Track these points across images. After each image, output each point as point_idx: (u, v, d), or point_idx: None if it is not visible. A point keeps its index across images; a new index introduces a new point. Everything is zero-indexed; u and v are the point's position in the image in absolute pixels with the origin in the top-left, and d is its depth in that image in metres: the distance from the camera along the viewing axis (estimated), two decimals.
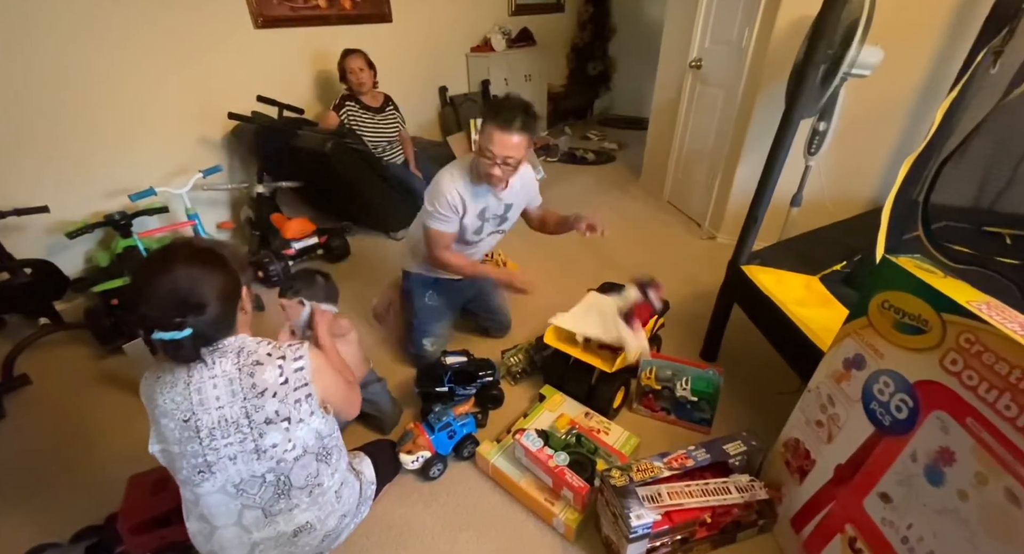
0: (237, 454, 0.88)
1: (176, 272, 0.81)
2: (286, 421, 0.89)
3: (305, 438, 0.93)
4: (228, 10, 2.30)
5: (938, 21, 1.90)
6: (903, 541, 0.82)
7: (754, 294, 1.45)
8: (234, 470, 0.88)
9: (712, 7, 2.53)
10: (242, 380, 0.87)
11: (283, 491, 0.93)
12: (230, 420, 0.86)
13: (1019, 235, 1.58)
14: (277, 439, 0.89)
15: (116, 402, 1.64)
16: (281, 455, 0.90)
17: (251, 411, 0.87)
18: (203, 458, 0.87)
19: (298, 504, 0.95)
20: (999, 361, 0.69)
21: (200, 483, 0.88)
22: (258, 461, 0.89)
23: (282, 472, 0.91)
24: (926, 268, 0.86)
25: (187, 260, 0.83)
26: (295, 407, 0.90)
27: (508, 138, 1.34)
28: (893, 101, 2.08)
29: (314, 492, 0.97)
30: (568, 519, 1.18)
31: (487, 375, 1.51)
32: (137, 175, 2.09)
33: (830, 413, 1.02)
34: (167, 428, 0.87)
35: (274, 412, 0.88)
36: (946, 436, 0.76)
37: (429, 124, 3.65)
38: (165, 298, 0.79)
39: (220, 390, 0.86)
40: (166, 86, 2.18)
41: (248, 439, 0.87)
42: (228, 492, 0.89)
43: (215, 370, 0.87)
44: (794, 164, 2.03)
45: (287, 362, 0.91)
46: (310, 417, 0.93)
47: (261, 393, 0.87)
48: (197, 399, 0.86)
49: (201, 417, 0.86)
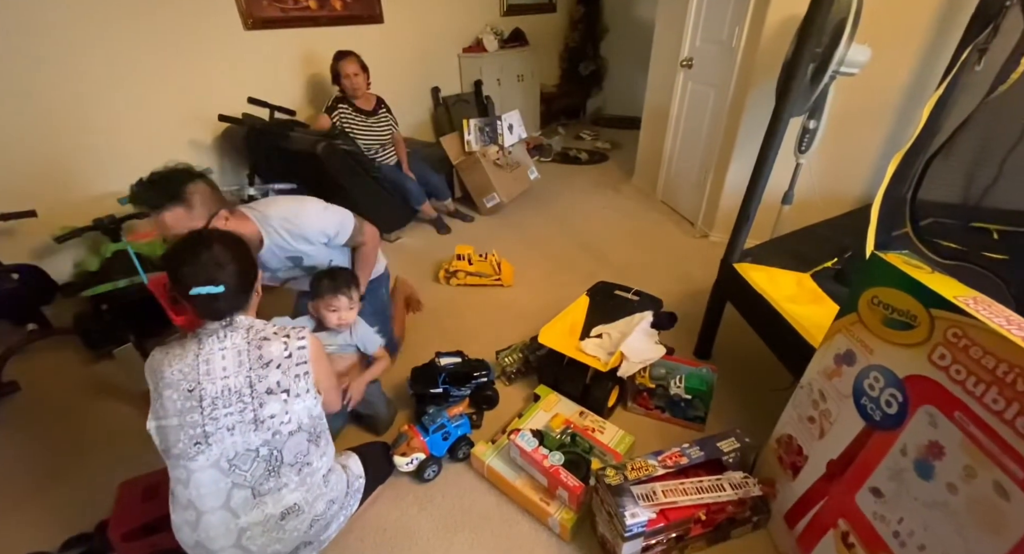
0: (236, 424, 0.93)
1: (213, 246, 0.98)
2: (285, 393, 0.97)
3: (300, 414, 0.99)
4: (218, 11, 2.28)
5: (925, 19, 1.92)
6: (894, 535, 0.83)
7: (746, 292, 1.46)
8: (230, 442, 0.93)
9: (703, 6, 2.54)
10: (250, 352, 0.97)
11: (274, 468, 0.96)
12: (233, 389, 0.94)
13: (1006, 230, 1.59)
14: (276, 410, 0.96)
15: (106, 408, 1.62)
16: (277, 427, 0.96)
17: (255, 380, 0.95)
18: (202, 428, 0.91)
19: (287, 483, 0.98)
20: (986, 355, 0.69)
21: (195, 456, 0.91)
22: (255, 432, 0.94)
23: (276, 446, 0.96)
24: (914, 264, 0.87)
25: (221, 238, 1.01)
26: (295, 381, 0.98)
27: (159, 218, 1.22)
28: (881, 99, 2.10)
29: (303, 471, 1.00)
30: (563, 519, 1.18)
31: (482, 376, 1.50)
32: (127, 178, 2.05)
33: (822, 409, 1.03)
34: (169, 400, 0.92)
35: (275, 383, 0.97)
36: (935, 430, 0.77)
37: (422, 125, 3.64)
38: (205, 261, 0.95)
39: (228, 361, 0.95)
40: (156, 88, 2.17)
41: (248, 409, 0.94)
42: (221, 467, 0.93)
43: (226, 343, 0.96)
44: (785, 162, 2.04)
45: (292, 340, 1.01)
46: (306, 394, 1.00)
47: (266, 364, 0.96)
48: (204, 369, 0.93)
49: (206, 387, 0.93)
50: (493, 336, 1.88)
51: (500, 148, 3.09)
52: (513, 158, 3.16)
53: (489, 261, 2.33)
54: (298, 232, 1.43)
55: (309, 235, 1.45)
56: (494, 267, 2.31)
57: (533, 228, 2.89)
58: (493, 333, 1.91)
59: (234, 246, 1.01)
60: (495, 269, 2.31)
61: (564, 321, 1.68)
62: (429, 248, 2.66)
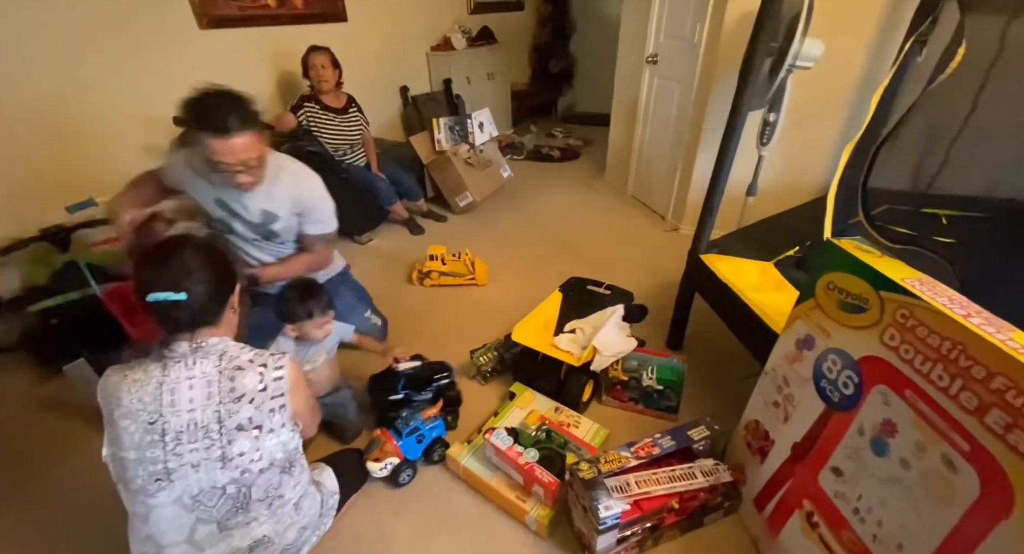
0: (201, 461, 0.86)
1: (186, 250, 0.89)
2: (257, 429, 0.89)
3: (273, 450, 0.92)
4: (169, 9, 2.19)
5: (875, 13, 1.99)
6: (854, 512, 0.86)
7: (713, 282, 1.49)
8: (195, 479, 0.86)
9: (665, 3, 2.58)
10: (221, 383, 0.87)
11: (242, 504, 0.90)
12: (200, 424, 0.85)
13: (954, 215, 1.67)
14: (245, 447, 0.88)
15: (57, 428, 1.53)
16: (247, 465, 0.89)
17: (224, 416, 0.86)
18: (163, 465, 0.84)
19: (256, 517, 0.92)
20: (931, 334, 0.72)
21: (155, 493, 0.85)
22: (222, 470, 0.87)
23: (244, 483, 0.89)
24: (865, 249, 0.90)
25: (197, 244, 0.92)
26: (268, 415, 0.90)
27: (235, 142, 1.16)
28: (836, 91, 2.17)
29: (274, 504, 0.94)
30: (540, 516, 1.18)
31: (442, 377, 1.46)
32: (76, 185, 1.96)
33: (785, 393, 1.05)
34: (126, 431, 0.84)
35: (247, 419, 0.88)
36: (888, 408, 0.79)
37: (391, 124, 3.59)
38: (171, 265, 0.87)
39: (196, 392, 0.86)
40: (103, 90, 2.06)
41: (215, 446, 0.86)
42: (184, 504, 0.86)
43: (195, 371, 0.87)
44: (748, 155, 2.09)
45: (268, 370, 0.91)
46: (281, 428, 0.92)
47: (239, 398, 0.87)
48: (168, 400, 0.85)
49: (169, 419, 0.84)
50: (469, 336, 1.86)
51: (471, 146, 3.07)
52: (485, 156, 3.15)
53: (463, 260, 2.31)
54: (296, 193, 1.41)
55: (305, 200, 1.43)
56: (468, 266, 2.29)
57: (507, 226, 2.88)
58: (469, 333, 1.90)
59: (209, 254, 0.92)
60: (469, 268, 2.29)
61: (538, 317, 1.68)
62: (402, 249, 2.63)
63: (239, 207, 1.39)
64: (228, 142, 1.16)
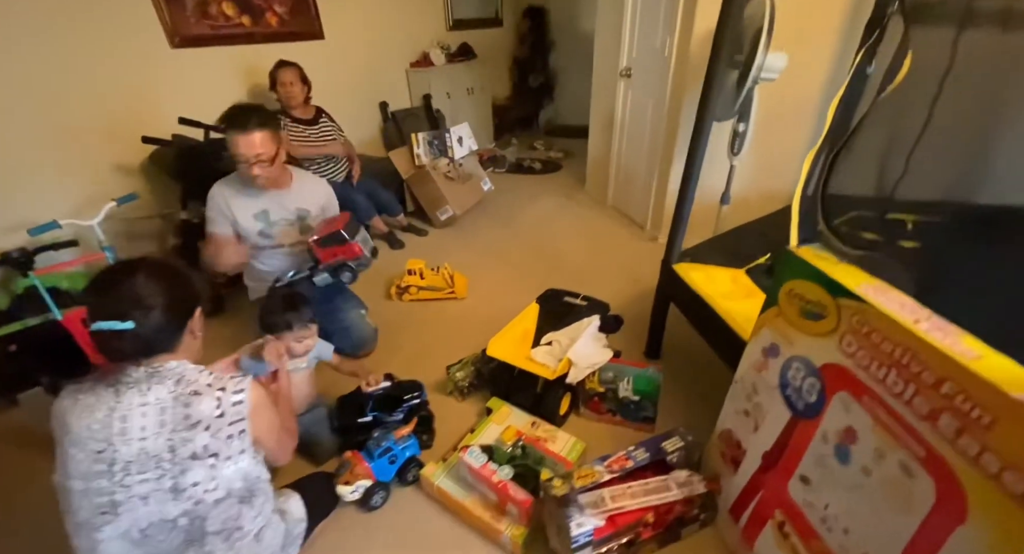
0: (151, 493, 0.81)
1: (137, 274, 0.84)
2: (214, 457, 0.84)
3: (231, 479, 0.87)
4: (139, 29, 2.18)
5: (835, 26, 2.06)
6: (822, 521, 0.85)
7: (686, 291, 1.49)
8: (143, 512, 0.81)
9: (636, 18, 2.64)
10: (175, 410, 0.83)
11: (195, 538, 0.86)
12: (151, 454, 0.81)
13: (918, 220, 1.70)
14: (200, 477, 0.84)
15: (12, 463, 1.47)
16: (200, 495, 0.84)
17: (177, 444, 0.82)
18: (110, 497, 0.80)
19: (211, 552, 0.88)
20: (884, 340, 0.72)
21: (100, 527, 0.80)
22: (173, 501, 0.82)
23: (198, 515, 0.85)
24: (823, 256, 0.91)
25: (151, 267, 0.87)
26: (226, 442, 0.86)
27: (249, 138, 1.45)
28: (802, 101, 2.23)
29: (232, 537, 0.90)
30: (514, 535, 1.15)
31: (413, 397, 1.43)
32: (40, 206, 1.92)
33: (755, 402, 1.05)
34: (73, 459, 0.80)
35: (202, 447, 0.83)
36: (848, 415, 0.80)
37: (371, 140, 3.59)
38: (118, 291, 0.82)
39: (149, 419, 0.82)
40: (70, 108, 2.03)
41: (167, 477, 0.82)
42: (131, 538, 0.82)
43: (148, 397, 0.83)
44: (720, 164, 2.13)
45: (226, 394, 0.87)
46: (239, 455, 0.88)
47: (193, 426, 0.83)
48: (119, 428, 0.80)
49: (119, 449, 0.80)
50: (448, 351, 1.84)
51: (450, 161, 3.08)
52: (465, 170, 3.16)
53: (441, 274, 2.30)
54: (320, 192, 1.75)
55: (327, 197, 1.77)
56: (447, 280, 2.28)
57: (488, 239, 2.88)
58: (448, 348, 1.88)
59: (167, 278, 0.87)
60: (448, 282, 2.28)
61: (514, 330, 1.66)
62: (381, 264, 2.58)
63: (278, 209, 1.66)
64: (246, 137, 1.45)
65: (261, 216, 1.64)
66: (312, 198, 1.72)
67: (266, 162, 1.50)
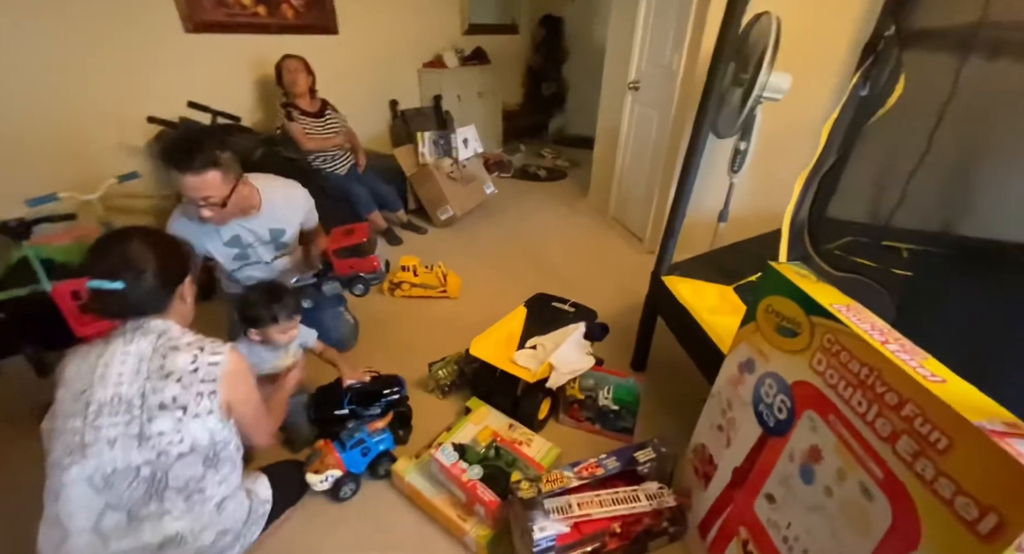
0: (118, 437, 0.85)
1: (132, 240, 0.92)
2: (181, 410, 0.88)
3: (197, 434, 0.90)
4: (155, 12, 2.22)
5: (842, 51, 2.07)
6: (784, 540, 0.84)
7: (671, 303, 1.49)
8: (108, 457, 0.85)
9: (647, 32, 2.66)
10: (152, 360, 0.89)
11: (156, 491, 0.88)
12: (123, 398, 0.86)
13: (913, 249, 1.70)
14: (166, 427, 0.87)
15: None
16: (164, 446, 0.87)
17: (148, 392, 0.87)
18: (80, 436, 0.85)
19: (170, 510, 0.89)
20: (852, 359, 0.72)
21: (68, 467, 0.84)
22: (138, 449, 0.86)
23: (160, 467, 0.87)
24: (802, 274, 0.91)
25: (146, 234, 0.95)
26: (196, 399, 0.90)
27: (193, 179, 1.26)
28: (806, 124, 2.21)
29: (192, 498, 0.91)
30: (479, 536, 1.14)
31: (393, 392, 1.42)
32: (42, 179, 1.94)
33: (728, 417, 1.04)
34: (60, 401, 0.87)
35: (171, 398, 0.88)
36: (815, 434, 0.79)
37: (379, 137, 3.62)
38: (112, 254, 0.90)
39: (127, 366, 0.88)
40: (79, 85, 2.06)
41: (135, 422, 0.86)
42: (95, 484, 0.85)
43: (131, 347, 0.90)
44: (720, 182, 2.14)
45: (204, 354, 0.93)
46: (207, 415, 0.91)
47: (166, 376, 0.88)
48: (100, 373, 0.87)
49: (96, 391, 0.86)
50: (434, 348, 1.83)
51: (454, 161, 3.10)
52: (468, 172, 3.18)
53: (435, 272, 2.30)
54: (295, 206, 1.62)
55: (304, 207, 1.64)
56: (440, 279, 2.28)
57: (486, 241, 2.89)
58: (434, 345, 1.87)
59: (158, 245, 0.95)
60: (441, 280, 2.28)
61: (499, 332, 1.66)
62: None
63: (248, 234, 1.54)
64: (191, 177, 1.26)
65: (233, 242, 1.53)
66: (286, 216, 1.59)
67: (216, 205, 1.32)
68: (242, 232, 1.52)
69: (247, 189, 1.45)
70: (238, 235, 1.52)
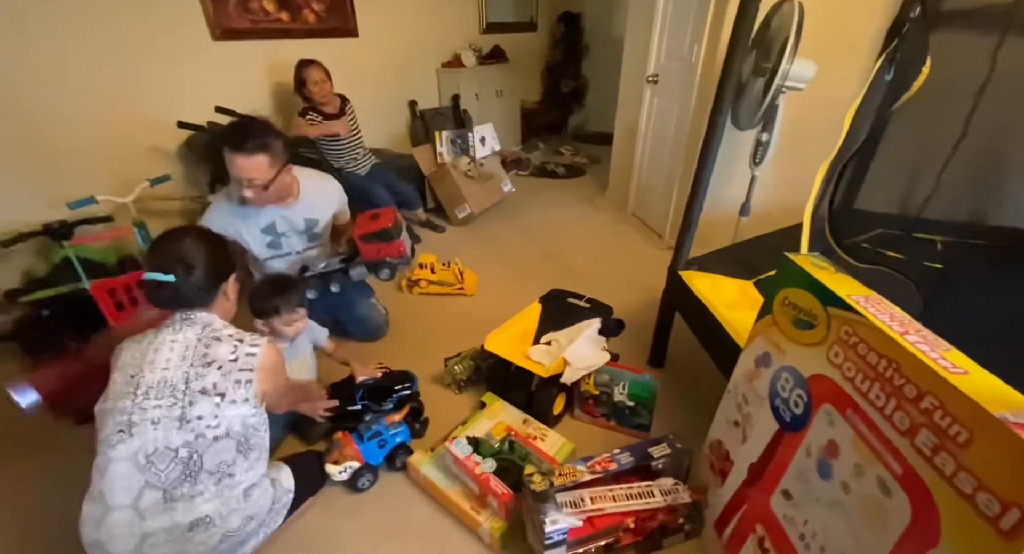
0: (161, 419, 0.92)
1: (185, 238, 1.01)
2: (220, 396, 0.95)
3: (231, 420, 0.96)
4: (184, 21, 2.31)
5: (868, 36, 1.98)
6: (801, 537, 0.82)
7: (689, 298, 1.47)
8: (151, 436, 0.91)
9: (666, 25, 2.62)
10: (197, 349, 0.97)
11: (191, 473, 0.93)
12: (169, 382, 0.93)
13: (948, 241, 1.62)
14: (205, 411, 0.94)
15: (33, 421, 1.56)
16: (202, 429, 0.93)
17: (192, 377, 0.94)
18: (128, 416, 0.91)
19: (202, 492, 0.94)
20: (871, 352, 0.70)
21: (116, 444, 0.90)
22: (178, 430, 0.92)
23: (197, 449, 0.93)
24: (820, 265, 0.88)
25: (198, 234, 1.04)
26: (233, 386, 0.97)
27: (243, 160, 1.35)
28: (832, 115, 2.14)
29: (223, 481, 0.96)
30: (493, 528, 1.15)
31: (404, 388, 1.44)
32: (80, 183, 2.05)
33: (744, 412, 1.02)
34: (114, 383, 0.95)
35: (212, 384, 0.95)
36: (832, 429, 0.76)
37: (399, 137, 3.68)
38: (167, 251, 0.99)
39: (174, 353, 0.96)
40: (117, 94, 2.17)
41: (177, 405, 0.92)
42: (138, 462, 0.91)
43: (178, 336, 0.99)
44: (742, 175, 2.09)
45: (243, 346, 1.00)
46: (243, 403, 0.98)
47: (208, 364, 0.96)
48: (151, 357, 0.95)
49: (146, 375, 0.94)
50: (451, 344, 1.84)
51: (471, 160, 3.12)
52: (485, 170, 3.19)
53: (452, 270, 2.33)
54: (329, 197, 1.69)
55: (338, 197, 1.72)
56: (456, 276, 2.31)
57: (503, 239, 2.90)
58: (451, 341, 1.88)
59: (208, 244, 1.03)
60: (458, 277, 2.30)
61: (514, 327, 1.67)
62: None
63: (284, 223, 1.61)
64: (241, 158, 1.35)
65: (268, 229, 1.59)
66: (321, 207, 1.67)
67: (259, 187, 1.40)
68: (278, 220, 1.59)
69: (289, 178, 1.53)
70: (274, 223, 1.59)
